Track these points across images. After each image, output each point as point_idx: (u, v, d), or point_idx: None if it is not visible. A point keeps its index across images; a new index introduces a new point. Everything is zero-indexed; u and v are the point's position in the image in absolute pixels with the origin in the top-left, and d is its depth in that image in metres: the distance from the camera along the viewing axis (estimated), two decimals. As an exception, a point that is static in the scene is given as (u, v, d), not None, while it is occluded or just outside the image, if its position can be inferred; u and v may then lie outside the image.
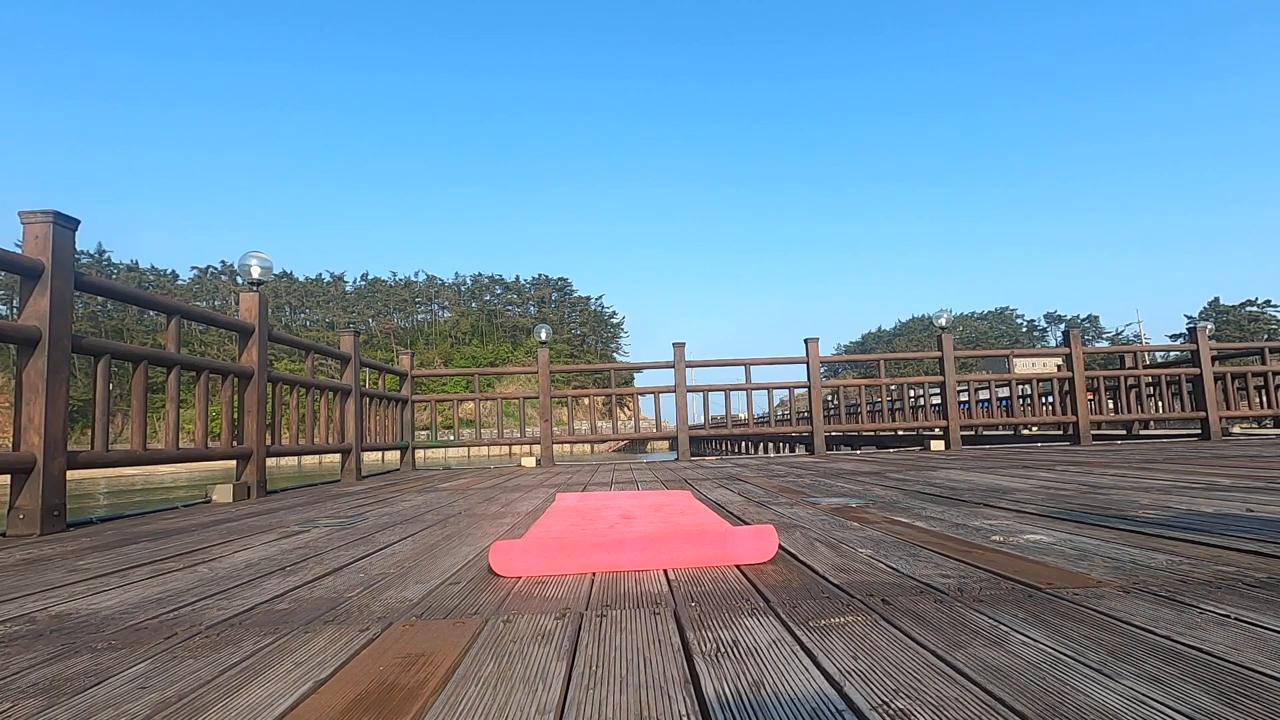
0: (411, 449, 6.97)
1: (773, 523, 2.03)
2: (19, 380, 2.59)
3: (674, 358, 7.13)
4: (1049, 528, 1.78)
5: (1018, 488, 2.83)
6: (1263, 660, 0.79)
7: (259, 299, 4.24)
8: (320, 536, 2.15)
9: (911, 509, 2.28)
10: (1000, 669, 0.79)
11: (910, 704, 0.70)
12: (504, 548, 1.47)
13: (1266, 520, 1.75)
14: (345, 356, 5.63)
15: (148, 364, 3.30)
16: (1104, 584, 1.17)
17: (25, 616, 1.24)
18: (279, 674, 0.87)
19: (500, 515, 2.60)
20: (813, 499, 2.74)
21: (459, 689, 0.80)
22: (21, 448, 2.54)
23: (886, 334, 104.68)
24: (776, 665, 0.83)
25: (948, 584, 1.21)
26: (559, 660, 0.89)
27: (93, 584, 1.52)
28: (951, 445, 7.15)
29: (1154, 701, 0.69)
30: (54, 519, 2.57)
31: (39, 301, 2.62)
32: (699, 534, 1.53)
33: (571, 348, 78.14)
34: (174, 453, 3.41)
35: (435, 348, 74.16)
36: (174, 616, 1.19)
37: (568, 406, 18.16)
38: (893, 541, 1.67)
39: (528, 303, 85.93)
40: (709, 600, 1.17)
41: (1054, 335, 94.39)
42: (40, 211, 2.67)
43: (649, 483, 4.08)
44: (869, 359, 7.81)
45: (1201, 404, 7.23)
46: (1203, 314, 76.71)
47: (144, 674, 0.89)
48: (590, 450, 34.96)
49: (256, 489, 3.98)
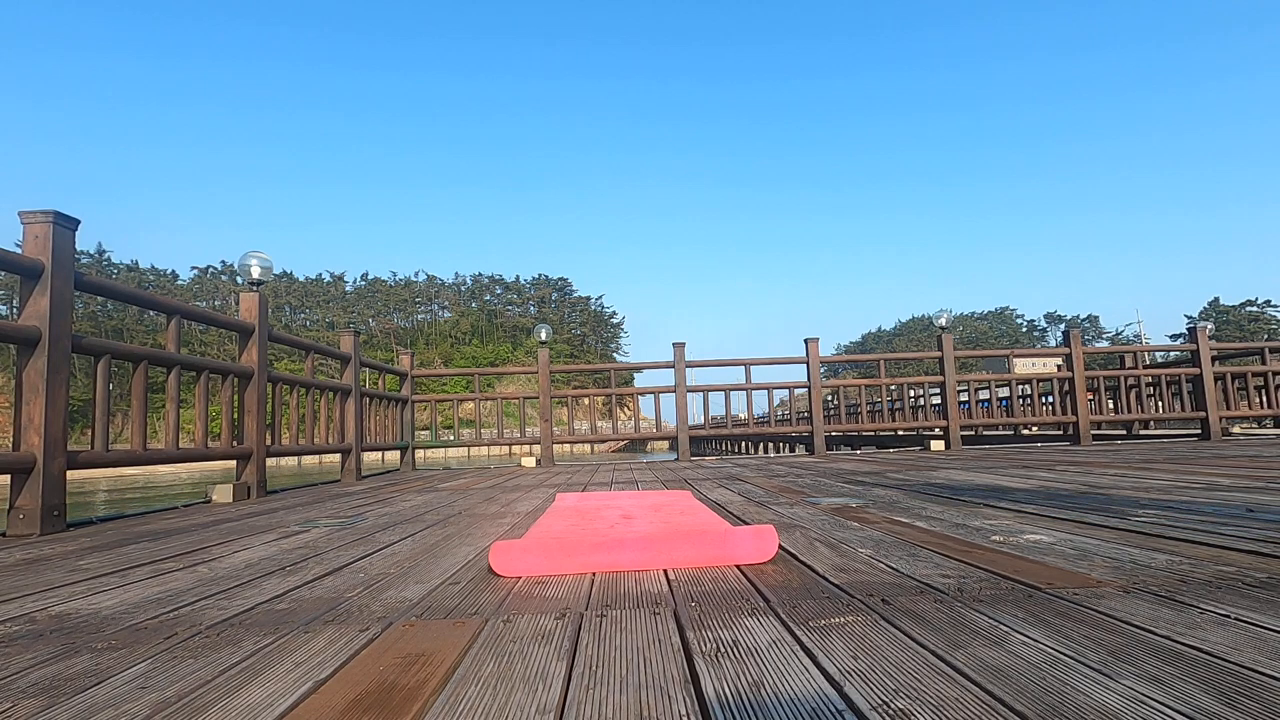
0: (411, 449, 6.97)
1: (773, 523, 2.03)
2: (19, 380, 2.59)
3: (674, 358, 7.13)
4: (1049, 528, 1.78)
5: (1018, 488, 2.83)
6: (1263, 660, 0.79)
7: (259, 299, 4.24)
8: (320, 536, 2.16)
9: (911, 509, 2.28)
10: (1000, 669, 0.79)
11: (910, 704, 0.70)
12: (504, 548, 1.47)
13: (1267, 520, 1.75)
14: (345, 356, 5.63)
15: (148, 364, 3.30)
16: (1104, 584, 1.17)
17: (25, 616, 1.24)
18: (279, 674, 0.87)
19: (500, 515, 2.60)
20: (813, 499, 2.74)
21: (459, 689, 0.80)
22: (21, 448, 2.54)
23: (886, 334, 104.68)
24: (776, 665, 0.83)
25: (948, 584, 1.21)
26: (559, 660, 0.89)
27: (93, 584, 1.52)
28: (951, 445, 7.15)
29: (1154, 701, 0.69)
30: (54, 519, 2.57)
31: (39, 301, 2.62)
32: (699, 534, 1.53)
33: (571, 348, 78.13)
34: (174, 453, 3.41)
35: (435, 348, 74.16)
36: (174, 616, 1.19)
37: (568, 406, 18.16)
38: (893, 541, 1.67)
39: (528, 303, 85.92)
40: (709, 600, 1.17)
41: (1054, 335, 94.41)
42: (40, 211, 2.67)
43: (649, 483, 4.08)
44: (869, 359, 7.81)
45: (1201, 404, 7.23)
46: (1203, 314, 76.72)
47: (144, 674, 0.89)
48: (590, 450, 34.97)
49: (256, 489, 3.98)
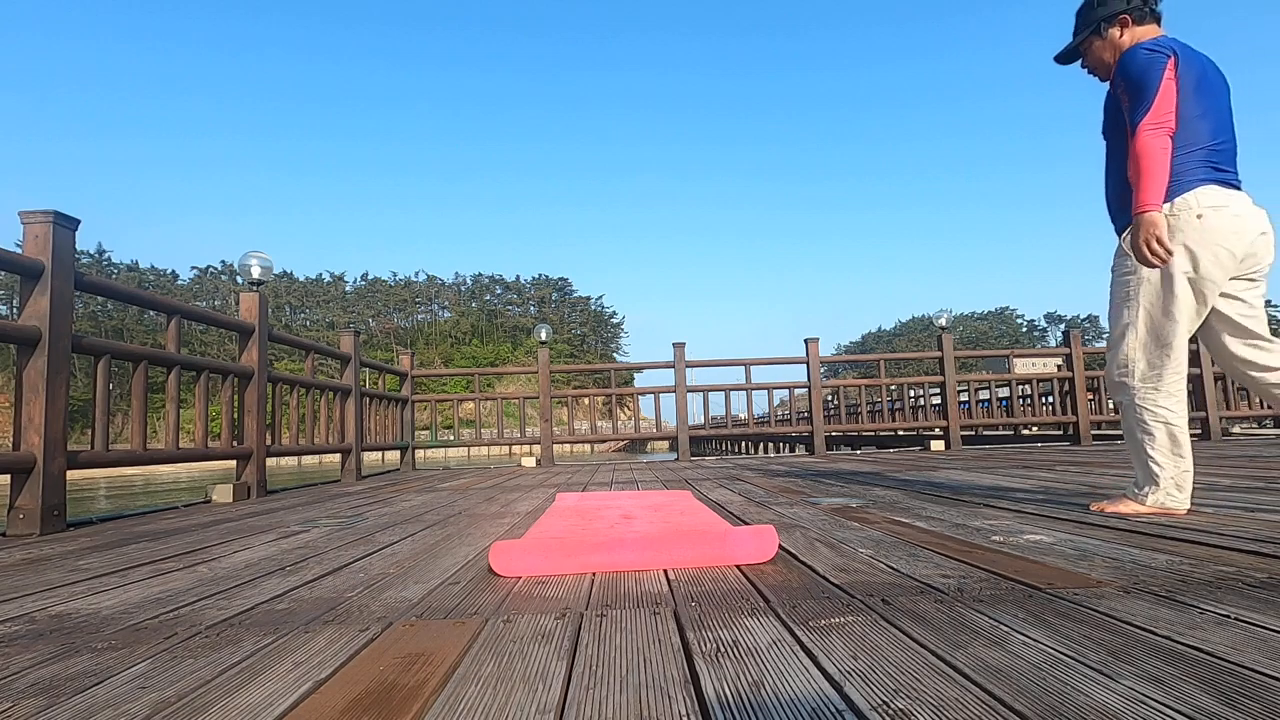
0: (411, 449, 6.97)
1: (773, 523, 2.03)
2: (19, 380, 2.59)
3: (674, 358, 7.13)
4: (1049, 528, 1.78)
5: (1018, 488, 2.83)
6: (1263, 660, 0.79)
7: (259, 299, 4.24)
8: (320, 536, 2.16)
9: (911, 509, 2.28)
10: (1000, 669, 0.79)
11: (910, 704, 0.70)
12: (504, 548, 1.47)
13: (1266, 520, 1.75)
14: (345, 356, 5.63)
15: (148, 364, 3.30)
16: (1104, 584, 1.17)
17: (25, 616, 1.24)
18: (279, 674, 0.87)
19: (500, 515, 2.60)
20: (813, 499, 2.74)
21: (459, 689, 0.80)
22: (21, 448, 2.54)
23: (886, 334, 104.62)
24: (776, 665, 0.83)
25: (948, 584, 1.21)
26: (559, 660, 0.89)
27: (93, 584, 1.52)
28: (951, 445, 7.15)
29: (1154, 701, 0.69)
30: (54, 519, 2.57)
31: (39, 301, 2.62)
32: (699, 534, 1.53)
33: (571, 348, 78.11)
34: (174, 453, 3.41)
35: (435, 348, 74.14)
36: (174, 616, 1.20)
37: (568, 406, 18.15)
38: (893, 541, 1.67)
39: (528, 303, 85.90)
40: (709, 600, 1.17)
41: (1054, 335, 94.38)
42: (40, 211, 2.67)
43: (649, 483, 4.08)
44: (869, 359, 7.82)
45: (1201, 404, 7.23)
46: (1203, 314, 76.65)
47: (144, 674, 0.89)
48: (590, 450, 34.96)
49: (256, 489, 3.98)
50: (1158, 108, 1.79)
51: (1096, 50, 2.03)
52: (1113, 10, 1.96)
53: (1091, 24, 2.02)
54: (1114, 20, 1.97)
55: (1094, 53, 2.04)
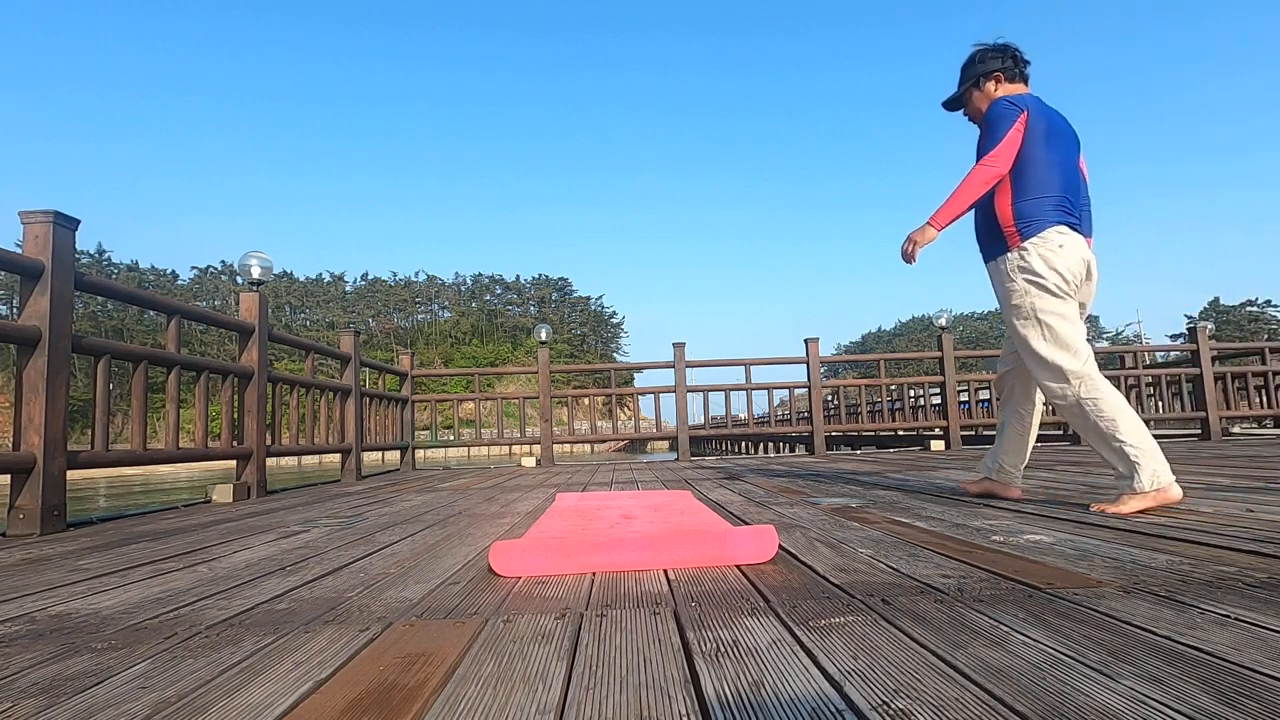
0: (411, 449, 6.97)
1: (773, 523, 2.03)
2: (19, 380, 2.59)
3: (674, 358, 7.13)
4: (1049, 528, 1.78)
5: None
6: (1263, 660, 0.79)
7: (259, 299, 4.24)
8: (320, 536, 2.16)
9: (911, 509, 2.28)
10: (1001, 669, 0.79)
11: (910, 704, 0.70)
12: (504, 548, 1.47)
13: (1266, 520, 1.75)
14: (345, 356, 5.63)
15: (148, 364, 3.30)
16: (1104, 584, 1.17)
17: (25, 616, 1.24)
18: (279, 674, 0.87)
19: (500, 515, 2.60)
20: (813, 499, 2.74)
21: (459, 689, 0.80)
22: (21, 448, 2.54)
23: (886, 334, 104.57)
24: (776, 665, 0.83)
25: (948, 584, 1.21)
26: (559, 660, 0.89)
27: (93, 584, 1.52)
28: (952, 445, 7.15)
29: (1154, 701, 0.69)
30: (54, 519, 2.57)
31: (39, 301, 2.63)
32: (699, 534, 1.53)
33: (571, 348, 78.08)
34: (174, 453, 3.41)
35: (435, 348, 74.11)
36: (174, 616, 1.20)
37: (568, 406, 18.17)
38: (893, 541, 1.67)
39: (528, 303, 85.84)
40: (709, 600, 1.17)
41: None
42: (40, 211, 2.67)
43: (649, 483, 4.08)
44: (869, 359, 7.82)
45: (1201, 404, 7.23)
46: (1203, 314, 76.61)
47: (144, 674, 0.90)
48: (590, 450, 34.97)
49: (256, 489, 3.98)
50: (999, 151, 2.14)
51: (975, 100, 2.37)
52: (990, 69, 2.34)
53: (972, 77, 2.37)
54: (990, 76, 2.34)
55: (973, 102, 2.38)
